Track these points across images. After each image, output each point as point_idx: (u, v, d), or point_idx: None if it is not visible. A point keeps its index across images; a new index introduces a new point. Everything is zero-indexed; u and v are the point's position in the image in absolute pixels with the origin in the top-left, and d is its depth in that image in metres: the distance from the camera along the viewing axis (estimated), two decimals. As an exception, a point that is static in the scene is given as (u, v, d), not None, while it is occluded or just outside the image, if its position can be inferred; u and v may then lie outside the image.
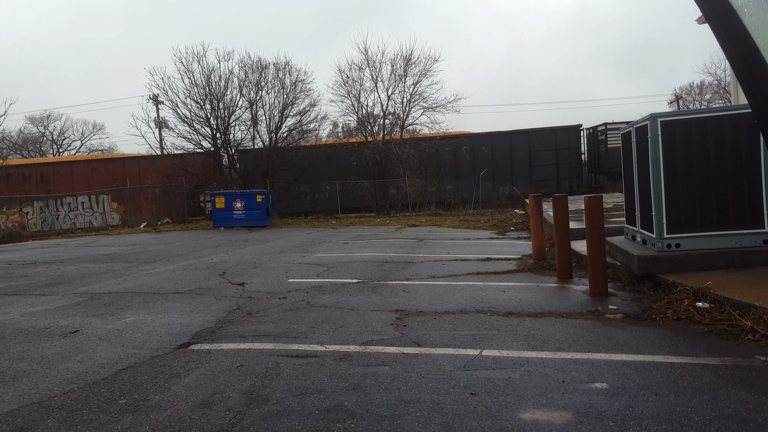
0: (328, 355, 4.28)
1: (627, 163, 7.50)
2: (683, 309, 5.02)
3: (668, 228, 6.35)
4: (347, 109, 28.44)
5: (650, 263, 6.28)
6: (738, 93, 12.71)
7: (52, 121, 52.00)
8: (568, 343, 4.36)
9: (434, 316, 5.44)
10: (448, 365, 3.92)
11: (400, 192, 25.95)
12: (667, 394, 3.24)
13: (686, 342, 4.29)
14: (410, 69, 26.96)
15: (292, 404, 3.29)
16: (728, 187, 6.23)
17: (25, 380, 3.94)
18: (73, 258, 12.44)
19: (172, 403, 3.37)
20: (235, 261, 10.50)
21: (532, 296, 6.29)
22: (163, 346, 4.69)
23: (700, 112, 6.67)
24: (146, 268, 9.96)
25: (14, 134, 49.31)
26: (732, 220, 6.25)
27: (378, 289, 7.02)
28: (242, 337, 4.88)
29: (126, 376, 3.93)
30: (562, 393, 3.31)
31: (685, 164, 6.30)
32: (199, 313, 5.99)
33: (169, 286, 7.90)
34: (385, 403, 3.25)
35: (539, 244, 8.89)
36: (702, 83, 46.14)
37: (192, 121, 25.15)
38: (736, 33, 1.46)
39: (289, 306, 6.17)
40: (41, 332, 5.38)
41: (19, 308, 6.67)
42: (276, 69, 26.01)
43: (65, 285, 8.38)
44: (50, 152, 51.23)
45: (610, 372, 3.66)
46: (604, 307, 5.57)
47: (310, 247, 12.62)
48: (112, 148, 52.99)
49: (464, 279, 7.60)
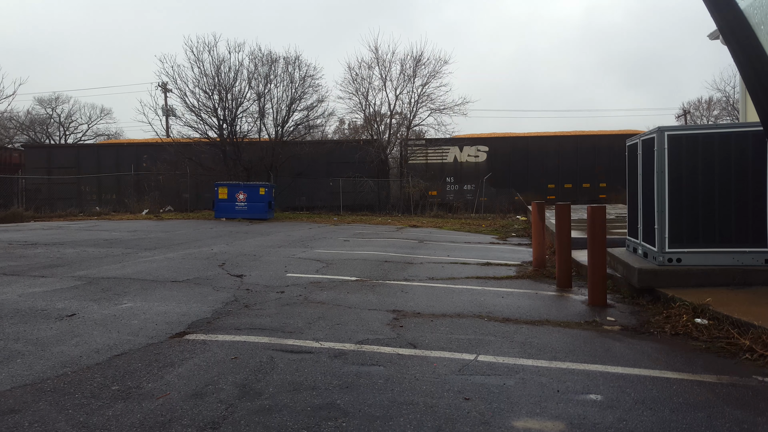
0: (323, 352, 4.27)
1: (632, 175, 7.47)
2: (682, 324, 4.99)
3: (670, 242, 6.32)
4: (354, 107, 28.50)
5: (650, 277, 6.26)
6: (747, 110, 12.65)
7: (60, 103, 52.04)
8: (564, 353, 4.34)
9: (431, 319, 5.43)
10: (443, 368, 3.91)
11: (402, 192, 25.94)
12: (662, 409, 3.22)
13: (683, 358, 4.26)
14: (419, 70, 26.99)
15: (285, 400, 3.28)
16: (732, 205, 6.20)
17: (19, 361, 3.94)
18: (73, 241, 12.45)
19: (164, 392, 3.37)
20: (235, 252, 10.50)
21: (530, 303, 6.28)
22: (158, 334, 4.69)
23: (707, 128, 6.63)
24: (146, 255, 9.97)
25: (22, 115, 49.39)
26: (734, 238, 6.22)
27: (376, 288, 7.01)
28: (238, 330, 4.87)
29: (120, 363, 3.93)
30: (557, 403, 3.30)
31: (690, 179, 6.28)
32: (196, 302, 5.98)
33: (167, 274, 7.90)
34: (377, 404, 3.24)
35: (540, 251, 8.87)
36: (710, 99, 46.02)
37: (199, 110, 25.11)
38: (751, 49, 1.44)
39: (287, 300, 6.17)
40: (38, 314, 5.38)
41: (17, 288, 6.68)
42: (286, 63, 25.97)
43: (64, 267, 8.39)
44: (56, 135, 51.30)
45: (606, 384, 3.64)
46: (602, 318, 5.55)
47: (310, 243, 12.61)
48: (118, 133, 53.06)
49: (463, 282, 7.58)
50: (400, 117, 28.02)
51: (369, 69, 27.48)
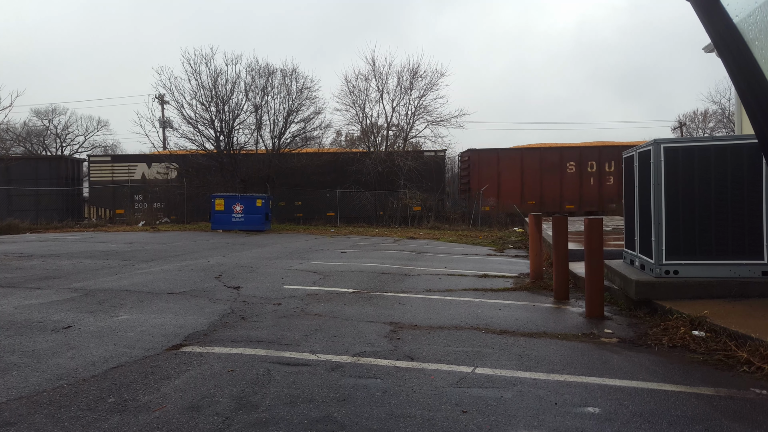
0: (320, 364, 4.25)
1: (628, 187, 7.52)
2: (679, 336, 4.99)
3: (667, 254, 6.34)
4: (351, 119, 28.60)
5: (648, 289, 6.27)
6: (742, 123, 12.77)
7: (57, 115, 52.09)
8: (562, 365, 4.33)
9: (429, 331, 5.41)
10: (441, 381, 3.89)
11: (400, 204, 25.98)
12: (660, 422, 3.21)
13: (681, 370, 4.26)
14: (416, 82, 27.15)
15: (282, 412, 3.26)
16: (729, 217, 6.24)
17: (15, 374, 3.90)
18: (70, 253, 12.40)
19: (160, 405, 3.34)
20: (232, 264, 10.47)
21: (527, 315, 6.27)
22: (154, 347, 4.66)
23: (703, 140, 6.70)
24: (142, 267, 9.93)
25: (18, 126, 49.38)
26: (731, 250, 6.25)
27: (373, 300, 6.99)
28: (235, 342, 4.84)
29: (116, 375, 3.90)
30: (554, 416, 3.29)
31: (687, 191, 6.31)
32: (192, 314, 5.95)
33: (164, 286, 7.86)
34: (375, 417, 3.22)
35: (537, 263, 8.88)
36: (706, 111, 46.36)
37: (197, 122, 25.16)
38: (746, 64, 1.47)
39: (284, 312, 6.14)
40: (34, 326, 5.34)
41: (14, 300, 6.64)
42: (283, 75, 26.12)
43: (60, 279, 8.34)
44: (53, 146, 51.26)
45: (603, 397, 3.63)
46: (599, 330, 5.55)
47: (307, 254, 12.59)
48: (115, 145, 53.02)
49: (460, 294, 7.57)
50: (397, 129, 28.17)
51: (366, 81, 27.67)
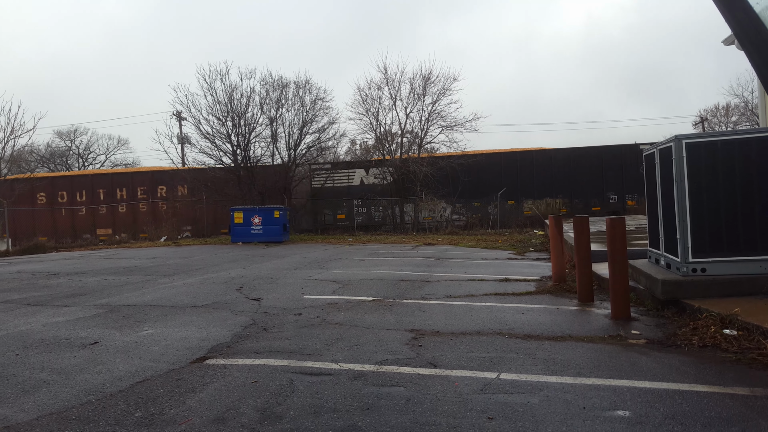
0: (343, 373, 4.23)
1: (650, 185, 7.38)
2: (710, 336, 4.86)
3: (693, 252, 6.19)
4: (365, 127, 28.68)
5: (675, 288, 6.13)
6: (767, 114, 12.47)
7: (78, 135, 53.42)
8: (589, 369, 4.25)
9: (450, 337, 5.36)
10: (465, 388, 3.84)
11: (416, 210, 25.93)
12: (694, 424, 3.12)
13: (713, 370, 4.14)
14: (429, 88, 27.12)
15: (306, 423, 3.25)
16: (756, 211, 6.07)
17: (45, 390, 3.97)
18: (94, 270, 12.63)
19: (186, 418, 3.36)
20: (252, 276, 10.55)
21: (551, 319, 6.17)
22: (179, 360, 4.70)
23: (726, 134, 6.54)
24: (165, 282, 10.05)
25: (42, 148, 50.72)
26: (759, 246, 6.07)
27: (393, 308, 6.97)
28: (257, 353, 4.86)
29: (142, 389, 3.94)
30: (583, 420, 3.22)
31: (711, 187, 6.17)
32: (215, 327, 6.00)
33: (186, 299, 7.95)
34: (399, 425, 3.19)
35: (559, 265, 8.76)
36: (728, 105, 45.42)
37: (214, 137, 25.56)
38: (768, 52, 1.43)
39: (305, 322, 6.15)
40: (61, 343, 5.44)
41: (42, 318, 6.77)
42: (296, 87, 26.40)
43: (86, 296, 8.49)
44: (76, 165, 52.49)
45: (633, 399, 3.54)
46: (626, 331, 5.43)
47: (326, 264, 12.62)
48: (135, 162, 54.10)
49: (482, 299, 7.50)
50: (411, 135, 28.16)
51: (378, 89, 27.76)
